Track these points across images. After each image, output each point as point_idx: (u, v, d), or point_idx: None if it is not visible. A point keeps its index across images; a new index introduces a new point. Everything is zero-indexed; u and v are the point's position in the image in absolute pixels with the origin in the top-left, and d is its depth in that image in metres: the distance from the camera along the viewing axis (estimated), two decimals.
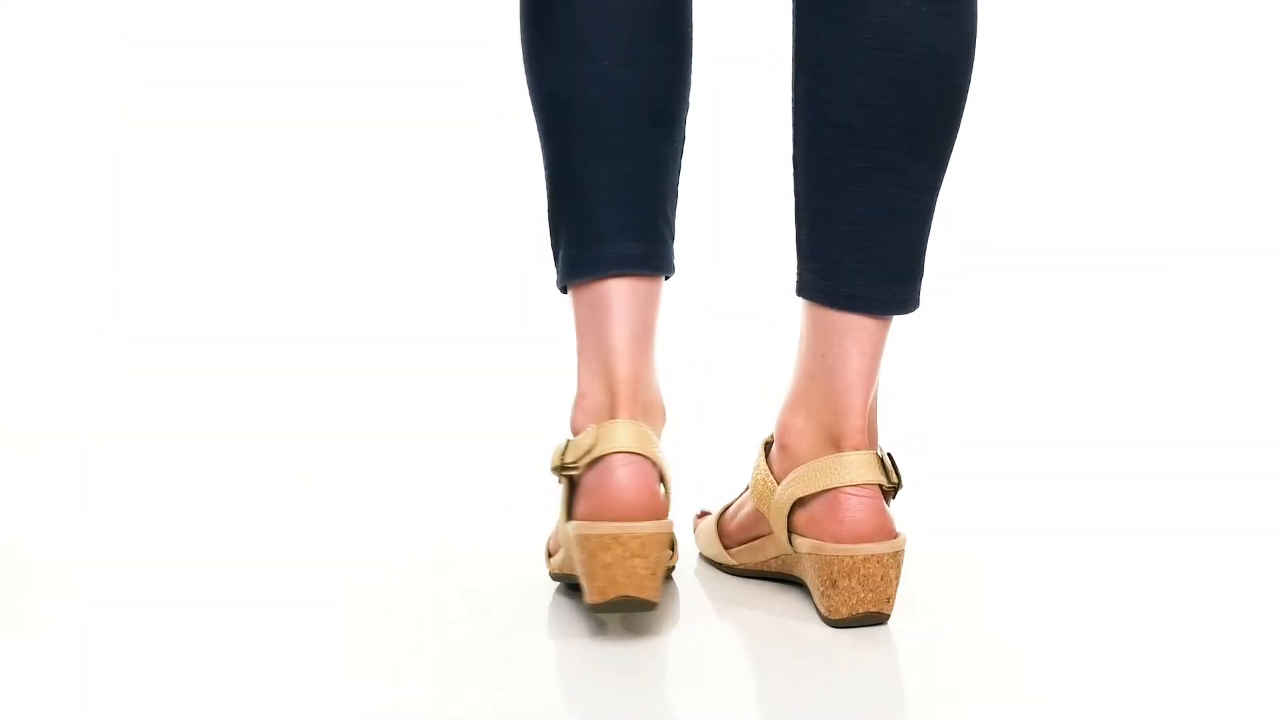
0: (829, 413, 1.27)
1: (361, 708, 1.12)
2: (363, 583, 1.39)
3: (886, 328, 1.27)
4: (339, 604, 1.34)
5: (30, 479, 1.83)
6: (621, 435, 1.22)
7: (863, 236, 1.24)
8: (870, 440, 1.28)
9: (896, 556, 1.23)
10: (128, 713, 1.10)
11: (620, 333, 1.25)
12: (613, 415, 1.24)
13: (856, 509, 1.25)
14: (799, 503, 1.28)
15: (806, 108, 1.26)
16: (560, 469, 1.25)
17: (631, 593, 1.18)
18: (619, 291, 1.25)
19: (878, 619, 1.24)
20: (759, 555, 1.36)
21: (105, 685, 1.15)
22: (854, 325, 1.25)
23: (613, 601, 1.18)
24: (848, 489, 1.25)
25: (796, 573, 1.32)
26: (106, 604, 1.35)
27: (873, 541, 1.23)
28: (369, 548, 1.51)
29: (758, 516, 1.36)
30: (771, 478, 1.31)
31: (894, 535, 1.24)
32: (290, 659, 1.22)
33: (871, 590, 1.22)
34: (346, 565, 1.45)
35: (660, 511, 1.20)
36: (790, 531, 1.29)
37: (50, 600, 1.36)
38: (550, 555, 1.35)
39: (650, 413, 1.28)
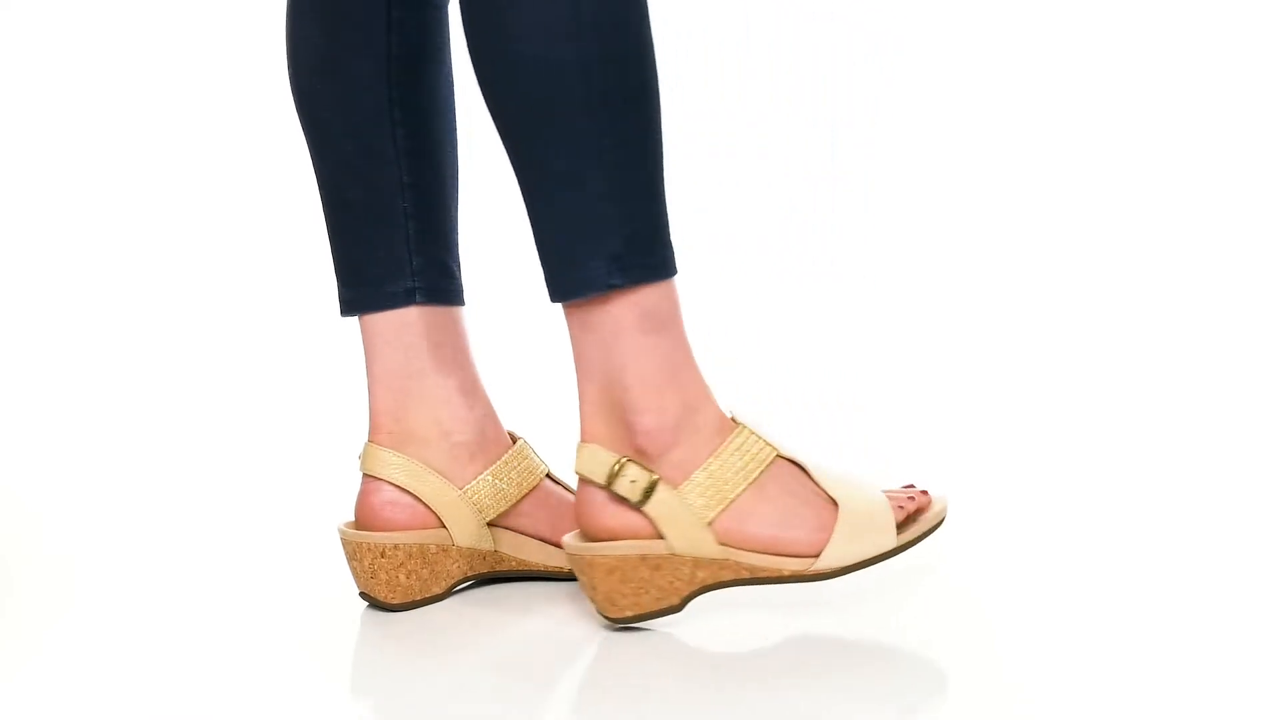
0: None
1: (361, 709, 1.12)
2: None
3: (576, 315, 1.24)
4: (339, 604, 1.34)
5: (30, 479, 1.83)
6: (365, 458, 1.35)
7: (534, 225, 1.25)
8: (597, 429, 1.25)
9: (585, 562, 1.23)
10: (127, 713, 1.10)
11: (371, 370, 1.36)
12: (370, 439, 1.36)
13: (569, 503, 1.35)
14: None
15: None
16: None
17: (366, 590, 1.32)
18: (364, 328, 1.36)
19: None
20: None
21: (105, 685, 1.15)
22: (568, 315, 1.25)
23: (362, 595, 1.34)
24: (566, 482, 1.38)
25: None
26: (106, 604, 1.35)
27: (577, 535, 1.26)
28: None
29: None
30: None
31: (588, 537, 1.25)
32: (289, 660, 1.22)
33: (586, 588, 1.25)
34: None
35: (380, 525, 1.33)
36: None
37: (50, 600, 1.36)
38: None
39: (412, 440, 1.34)
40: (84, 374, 2.34)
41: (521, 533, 1.37)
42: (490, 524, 1.36)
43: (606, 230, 1.21)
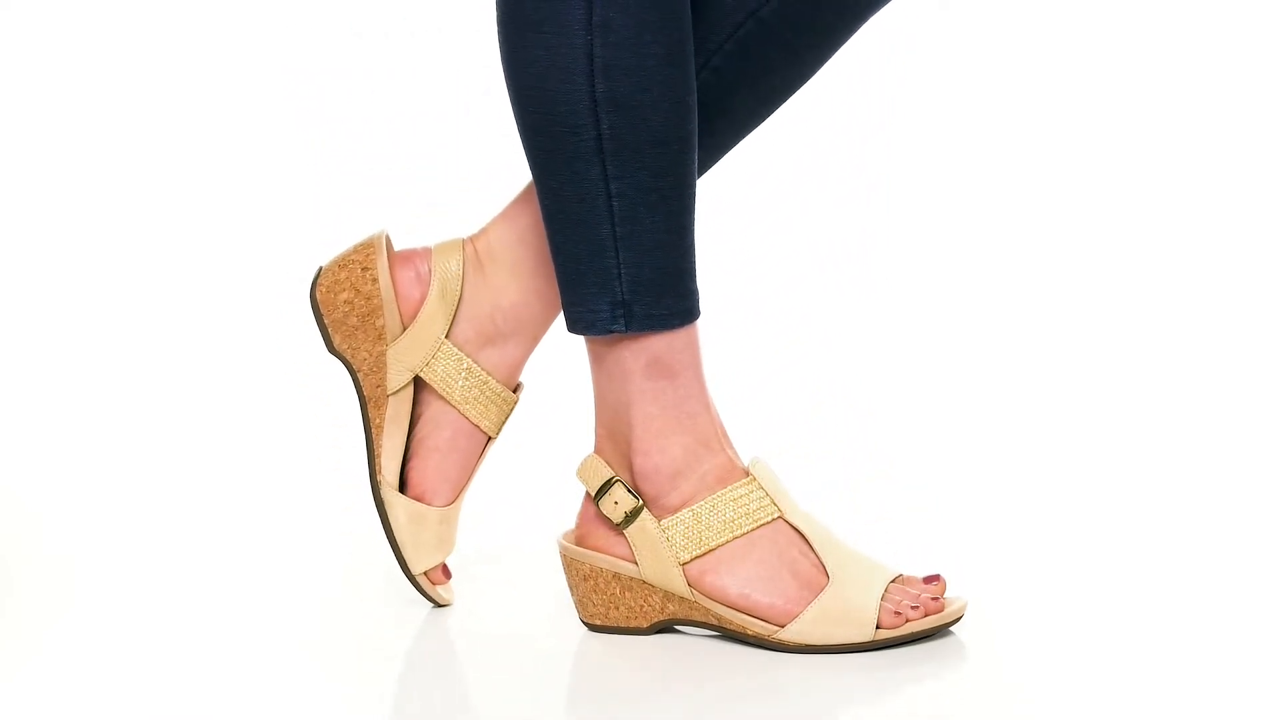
0: None
1: (361, 710, 1.12)
2: (364, 584, 1.39)
3: (590, 348, 1.24)
4: (339, 604, 1.34)
5: (30, 479, 1.83)
6: None
7: (551, 254, 1.24)
8: (605, 449, 1.25)
9: (572, 564, 1.24)
10: (127, 713, 1.10)
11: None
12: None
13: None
14: None
15: None
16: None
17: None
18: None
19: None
20: None
21: (105, 685, 1.15)
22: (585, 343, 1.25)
23: None
24: None
25: None
26: (106, 604, 1.35)
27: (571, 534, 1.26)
28: (373, 548, 1.51)
29: None
30: None
31: (575, 540, 1.25)
32: (289, 660, 1.22)
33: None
34: (349, 565, 1.45)
35: None
36: None
37: (50, 600, 1.36)
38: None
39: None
40: (84, 374, 2.34)
41: None
42: None
43: (611, 276, 1.20)
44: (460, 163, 2.59)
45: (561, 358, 1.46)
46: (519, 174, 1.35)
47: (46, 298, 2.52)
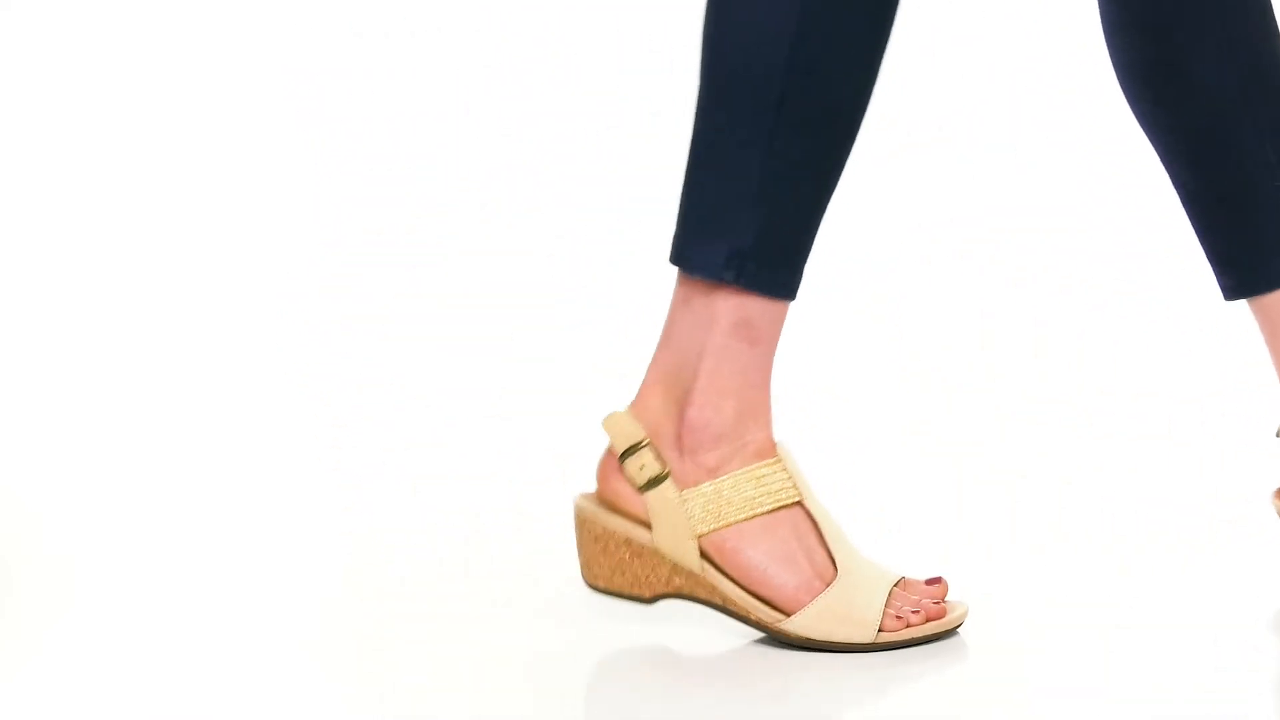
0: None
1: (361, 710, 1.12)
2: (364, 584, 1.39)
3: (683, 288, 1.23)
4: (339, 604, 1.34)
5: (30, 479, 1.83)
6: None
7: (686, 184, 1.24)
8: (651, 395, 1.24)
9: (587, 525, 1.22)
10: (127, 713, 1.10)
11: None
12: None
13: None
14: None
15: None
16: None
17: None
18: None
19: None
20: None
21: (105, 685, 1.15)
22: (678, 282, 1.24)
23: None
24: None
25: None
26: (106, 604, 1.35)
27: (589, 494, 1.24)
28: (373, 548, 1.51)
29: None
30: None
31: (611, 503, 1.23)
32: (289, 660, 1.22)
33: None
34: (349, 566, 1.45)
35: None
36: None
37: (50, 600, 1.36)
38: None
39: None
40: (84, 374, 2.34)
41: None
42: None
43: (745, 225, 1.20)
44: (460, 163, 2.59)
45: (563, 356, 1.46)
46: (519, 174, 1.35)
47: (46, 298, 2.52)
